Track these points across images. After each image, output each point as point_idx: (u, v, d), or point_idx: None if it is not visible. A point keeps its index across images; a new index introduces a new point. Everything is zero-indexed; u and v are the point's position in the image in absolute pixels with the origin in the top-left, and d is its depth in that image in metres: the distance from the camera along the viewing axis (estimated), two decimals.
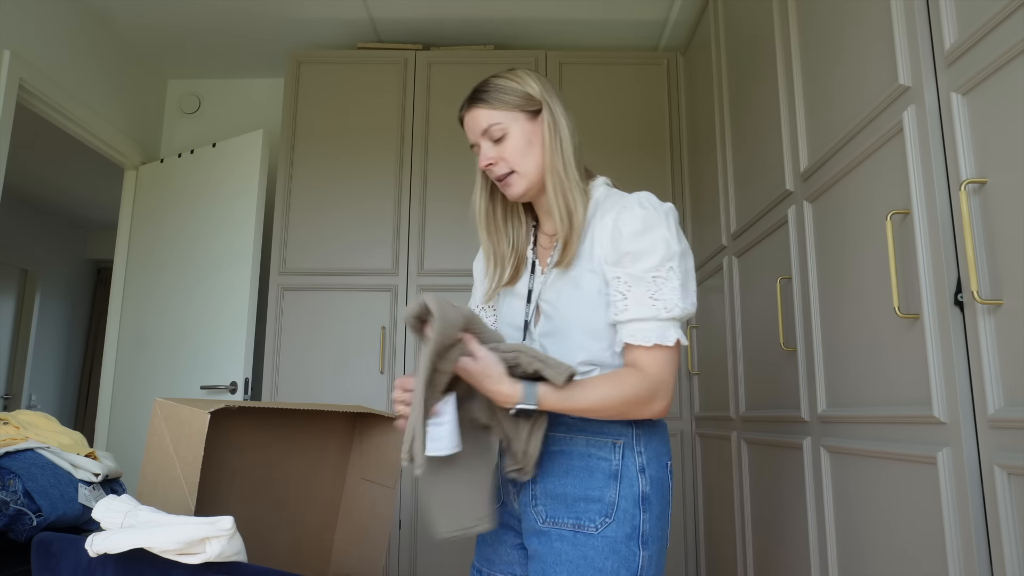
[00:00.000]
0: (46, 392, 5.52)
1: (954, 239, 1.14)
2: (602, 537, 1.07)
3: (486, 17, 2.96)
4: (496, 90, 1.18)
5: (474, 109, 1.19)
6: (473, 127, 1.19)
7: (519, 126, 1.17)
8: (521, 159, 1.17)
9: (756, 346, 2.03)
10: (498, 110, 1.17)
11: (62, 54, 2.76)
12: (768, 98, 1.93)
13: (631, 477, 1.10)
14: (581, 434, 1.13)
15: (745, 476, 2.07)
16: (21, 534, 1.48)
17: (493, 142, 1.18)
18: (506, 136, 1.17)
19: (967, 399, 1.10)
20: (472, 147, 1.22)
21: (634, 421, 1.13)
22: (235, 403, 1.45)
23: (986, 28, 1.05)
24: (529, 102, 1.18)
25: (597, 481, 1.10)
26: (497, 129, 1.17)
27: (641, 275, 1.07)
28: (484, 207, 1.27)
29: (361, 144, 2.91)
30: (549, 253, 1.24)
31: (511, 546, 1.20)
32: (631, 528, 1.08)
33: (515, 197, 1.21)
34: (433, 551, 2.64)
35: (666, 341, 1.06)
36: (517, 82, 1.19)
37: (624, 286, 1.08)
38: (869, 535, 1.37)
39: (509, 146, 1.17)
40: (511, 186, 1.19)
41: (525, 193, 1.20)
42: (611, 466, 1.11)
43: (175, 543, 1.09)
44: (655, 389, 1.06)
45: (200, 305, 2.96)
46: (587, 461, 1.11)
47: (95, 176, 4.62)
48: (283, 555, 1.76)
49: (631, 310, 1.07)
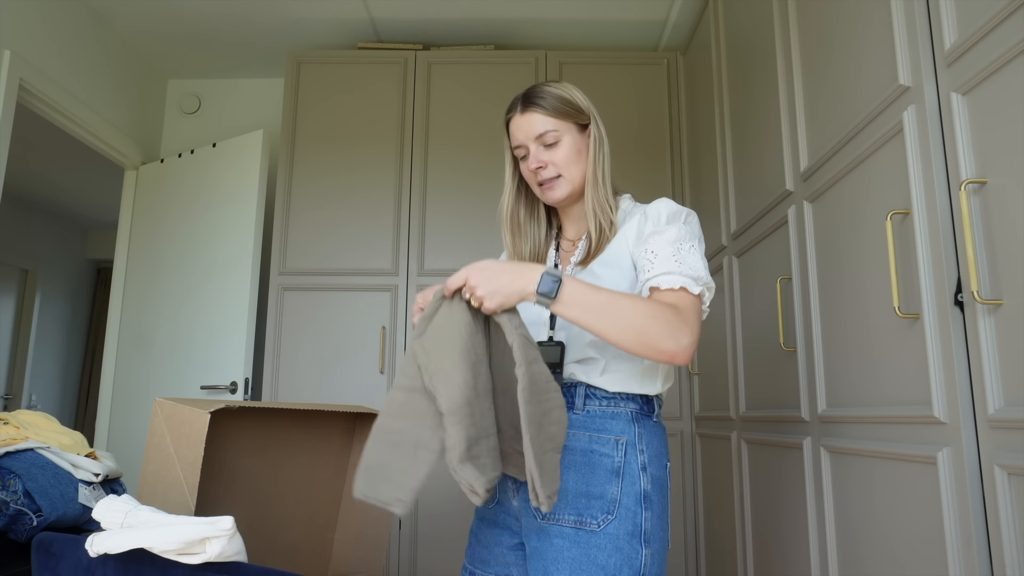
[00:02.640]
0: (46, 392, 5.52)
1: (954, 239, 1.14)
2: (604, 534, 1.07)
3: (486, 17, 2.97)
4: (553, 99, 1.23)
5: (530, 113, 1.23)
6: (527, 130, 1.23)
7: (571, 136, 1.23)
8: (569, 166, 1.23)
9: (756, 346, 2.03)
10: (554, 118, 1.22)
11: (62, 54, 2.76)
12: (768, 98, 1.93)
13: (633, 475, 1.11)
14: (584, 431, 1.14)
15: (745, 476, 2.07)
16: (21, 534, 1.48)
17: (545, 147, 1.23)
18: (559, 143, 1.23)
19: (967, 399, 1.10)
20: (516, 148, 1.26)
21: (637, 420, 1.14)
22: (235, 403, 1.45)
23: (986, 28, 1.05)
24: (580, 115, 1.25)
25: (599, 478, 1.10)
26: (552, 135, 1.22)
27: (666, 244, 1.12)
28: (510, 208, 1.32)
29: (361, 144, 2.91)
30: (571, 256, 1.28)
31: (507, 547, 1.20)
32: (633, 525, 1.09)
33: (555, 200, 1.25)
34: (433, 551, 2.64)
35: (692, 289, 1.08)
36: (569, 95, 1.25)
37: (650, 254, 1.13)
38: (869, 535, 1.37)
39: (560, 153, 1.22)
40: (555, 189, 1.24)
41: (566, 199, 1.25)
42: (613, 463, 1.11)
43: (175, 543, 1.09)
44: (683, 320, 1.03)
45: (200, 305, 2.96)
46: (589, 457, 1.12)
47: (95, 176, 4.62)
48: (283, 555, 1.76)
49: (657, 267, 1.11)
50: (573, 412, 1.15)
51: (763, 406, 1.97)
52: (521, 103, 1.24)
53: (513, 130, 1.25)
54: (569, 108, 1.23)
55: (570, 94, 1.25)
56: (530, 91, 1.25)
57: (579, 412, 1.15)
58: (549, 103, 1.22)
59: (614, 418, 1.14)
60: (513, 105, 1.26)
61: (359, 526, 1.87)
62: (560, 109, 1.22)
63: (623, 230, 1.21)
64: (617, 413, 1.15)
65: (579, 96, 1.26)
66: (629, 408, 1.15)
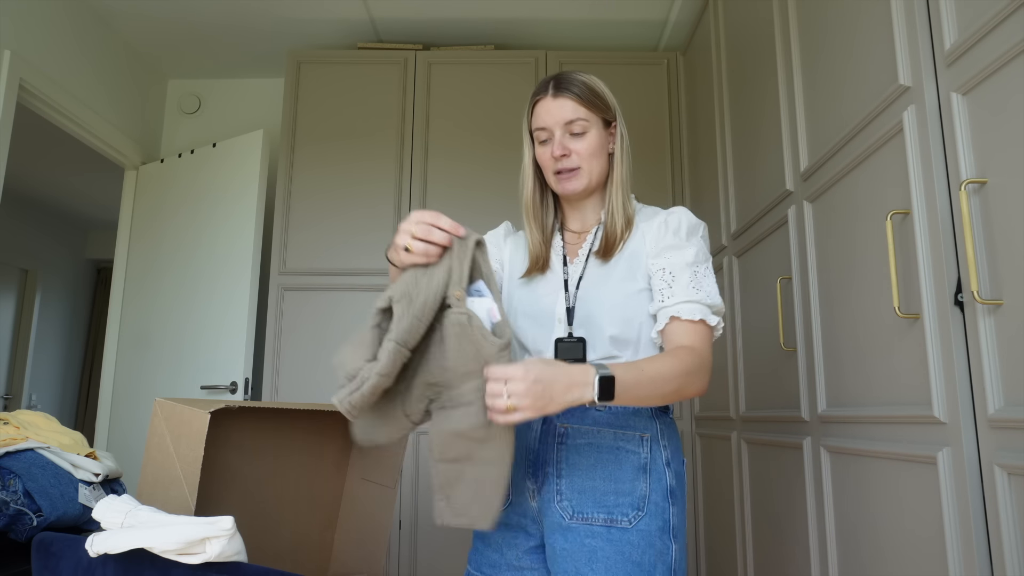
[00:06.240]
0: (46, 392, 5.52)
1: (954, 239, 1.14)
2: (637, 531, 1.07)
3: (486, 17, 2.96)
4: (587, 88, 1.21)
5: (563, 99, 1.19)
6: (556, 115, 1.19)
7: (597, 130, 1.21)
8: (591, 159, 1.21)
9: (756, 346, 2.03)
10: (586, 108, 1.20)
11: (62, 54, 2.76)
12: (768, 98, 1.93)
13: (659, 470, 1.12)
14: (609, 428, 1.14)
15: (745, 476, 2.07)
16: (21, 534, 1.48)
17: (571, 135, 1.20)
18: (585, 134, 1.20)
19: (967, 399, 1.10)
20: (538, 130, 1.22)
21: (657, 416, 1.16)
22: (235, 403, 1.45)
23: (986, 28, 1.05)
24: (607, 111, 1.23)
25: (627, 474, 1.10)
26: (580, 125, 1.19)
27: (683, 267, 1.14)
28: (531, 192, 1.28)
29: (361, 144, 2.91)
30: (577, 248, 1.27)
31: (524, 550, 1.16)
32: (663, 521, 1.09)
33: (569, 192, 1.22)
34: (433, 551, 2.64)
35: (709, 320, 1.11)
36: (600, 88, 1.23)
37: (668, 276, 1.14)
38: (869, 535, 1.37)
39: (585, 144, 1.20)
40: (574, 180, 1.21)
41: (582, 191, 1.23)
42: (640, 459, 1.11)
43: (175, 543, 1.09)
44: (703, 362, 1.08)
45: (200, 305, 2.96)
46: (616, 454, 1.12)
47: (95, 176, 4.62)
48: (283, 555, 1.76)
49: (677, 295, 1.12)
50: (596, 410, 1.14)
51: (763, 406, 1.97)
52: (554, 86, 1.20)
53: (541, 112, 1.21)
54: (599, 101, 1.21)
55: (601, 88, 1.23)
56: (563, 75, 1.22)
57: (602, 410, 1.14)
58: (582, 91, 1.20)
59: (636, 414, 1.15)
60: (544, 87, 1.22)
61: (359, 526, 1.87)
62: (591, 100, 1.20)
63: (640, 229, 1.21)
64: (639, 410, 1.15)
65: (608, 92, 1.24)
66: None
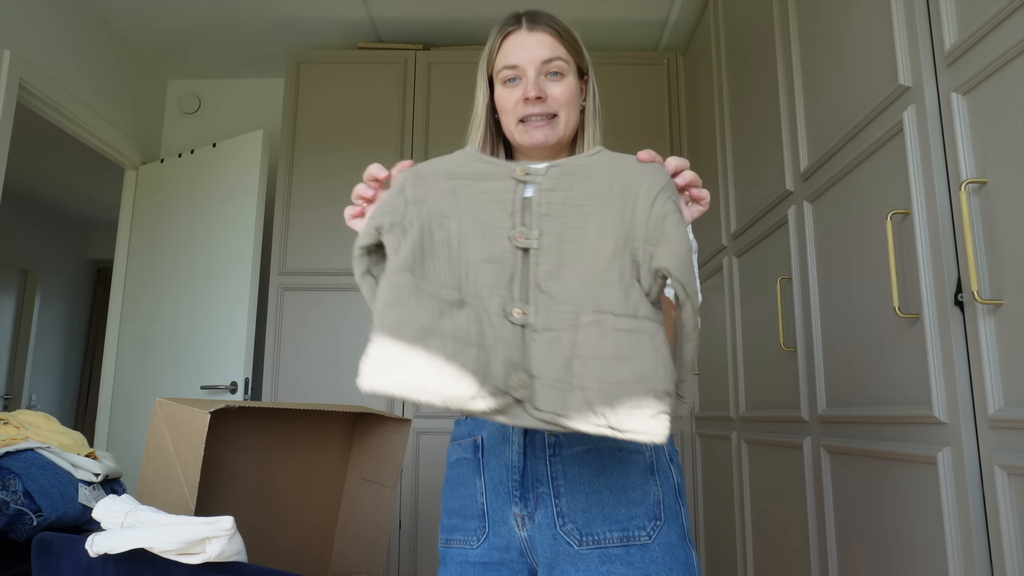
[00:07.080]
0: (46, 392, 5.52)
1: (954, 239, 1.14)
2: (659, 545, 0.91)
3: (486, 17, 2.96)
4: (566, 29, 1.06)
5: (542, 33, 1.03)
6: (534, 52, 1.02)
7: (574, 77, 1.05)
8: (569, 107, 1.04)
9: (756, 346, 2.03)
10: (565, 48, 1.04)
11: (62, 54, 2.76)
12: (768, 98, 1.93)
13: (666, 469, 0.98)
14: None
15: (745, 476, 2.07)
16: (21, 534, 1.48)
17: (547, 76, 1.03)
18: (565, 78, 1.04)
19: (967, 399, 1.10)
20: (504, 69, 1.04)
21: None
22: (235, 403, 1.45)
23: (986, 28, 1.05)
24: (582, 58, 1.08)
25: (635, 479, 0.95)
26: (559, 64, 1.03)
27: None
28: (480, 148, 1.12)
29: (361, 144, 2.91)
30: None
31: None
32: (681, 528, 0.95)
33: (539, 142, 1.04)
34: (433, 551, 2.64)
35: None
36: (576, 33, 1.08)
37: None
38: (869, 535, 1.37)
39: (562, 89, 1.03)
40: (546, 128, 1.03)
41: (554, 144, 1.05)
42: (646, 459, 0.96)
43: (175, 543, 1.09)
44: None
45: (200, 305, 2.96)
46: (619, 458, 0.96)
47: (95, 176, 4.62)
48: (283, 555, 1.76)
49: None
50: None
51: (763, 406, 1.97)
52: (528, 19, 1.04)
53: (512, 47, 1.03)
54: (577, 45, 1.07)
55: (576, 32, 1.08)
56: (536, 11, 1.06)
57: None
58: (562, 28, 1.04)
59: None
60: (515, 19, 1.05)
61: (359, 526, 1.87)
62: (571, 41, 1.05)
63: None
64: None
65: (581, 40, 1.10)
66: None
